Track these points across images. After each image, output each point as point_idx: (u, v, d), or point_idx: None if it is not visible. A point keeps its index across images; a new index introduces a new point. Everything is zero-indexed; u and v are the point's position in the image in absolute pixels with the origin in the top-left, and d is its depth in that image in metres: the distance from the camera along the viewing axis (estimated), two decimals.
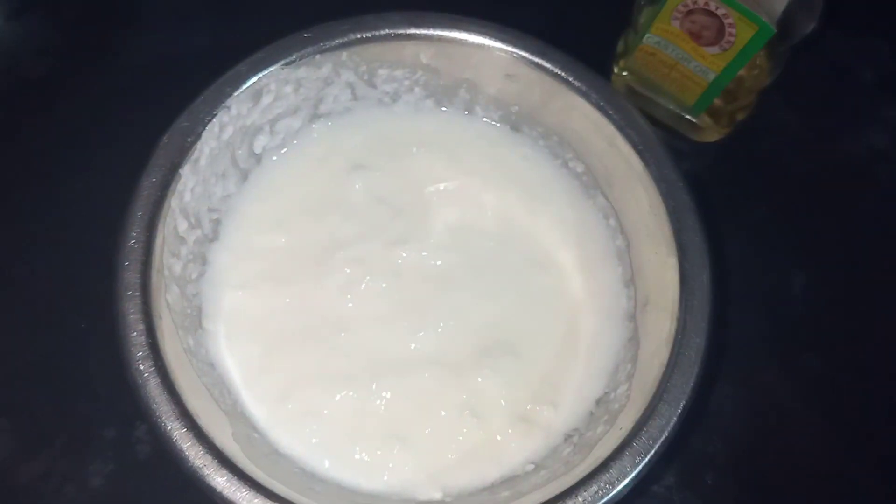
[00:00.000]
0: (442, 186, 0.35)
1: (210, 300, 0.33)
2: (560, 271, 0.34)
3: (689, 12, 0.33)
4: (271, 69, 0.33)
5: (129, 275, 0.29)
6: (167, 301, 0.30)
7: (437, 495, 0.30)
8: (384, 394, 0.31)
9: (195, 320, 0.32)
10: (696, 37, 0.34)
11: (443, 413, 0.31)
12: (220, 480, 0.27)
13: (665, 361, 0.29)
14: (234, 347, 0.32)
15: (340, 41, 0.33)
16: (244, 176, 0.35)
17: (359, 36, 0.33)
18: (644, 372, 0.30)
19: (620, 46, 0.40)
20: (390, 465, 0.31)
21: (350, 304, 0.33)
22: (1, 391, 0.35)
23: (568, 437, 0.31)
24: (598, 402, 0.32)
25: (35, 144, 0.40)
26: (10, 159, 0.39)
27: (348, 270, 0.33)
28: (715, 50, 0.34)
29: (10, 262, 0.37)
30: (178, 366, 0.29)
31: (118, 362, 0.33)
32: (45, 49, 0.42)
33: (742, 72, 0.35)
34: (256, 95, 0.33)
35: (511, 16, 0.34)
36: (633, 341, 0.32)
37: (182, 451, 0.27)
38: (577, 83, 0.33)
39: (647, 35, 0.36)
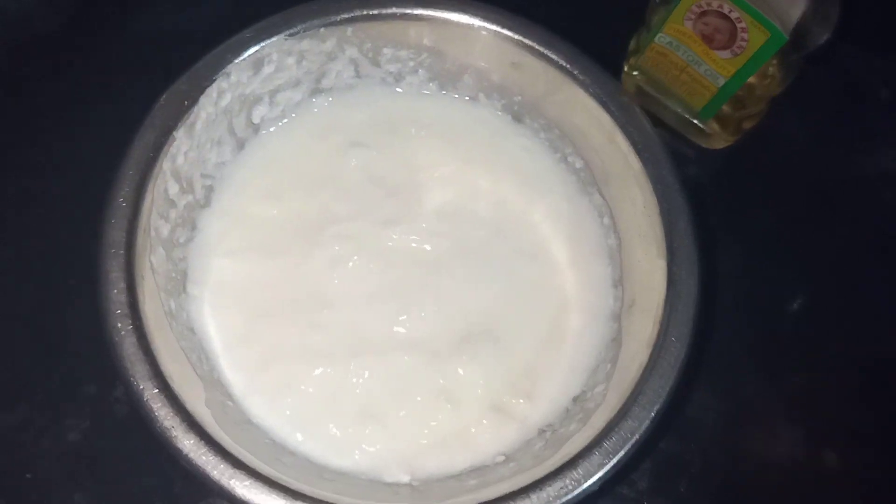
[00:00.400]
0: (438, 171, 0.35)
1: (196, 265, 0.33)
2: (550, 265, 0.34)
3: (703, 14, 0.33)
4: (274, 39, 0.32)
5: (115, 232, 0.29)
6: (151, 262, 0.30)
7: (405, 478, 0.30)
8: (362, 373, 0.31)
9: (179, 284, 0.32)
10: (708, 39, 0.33)
11: (418, 398, 0.31)
12: (187, 443, 0.27)
13: (644, 364, 0.29)
14: (216, 314, 0.32)
15: (346, 16, 0.33)
16: (241, 144, 0.35)
17: (365, 13, 0.33)
18: (623, 373, 0.30)
19: (633, 45, 0.39)
20: (362, 444, 0.30)
21: (336, 281, 0.33)
22: None
23: (541, 432, 0.31)
24: (575, 399, 0.31)
25: (38, 100, 0.40)
26: (11, 112, 0.39)
27: (337, 247, 0.33)
28: (726, 54, 0.33)
29: (2, 214, 0.37)
30: (157, 327, 0.29)
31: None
32: (59, 6, 0.42)
33: (753, 79, 0.34)
34: (258, 64, 0.33)
35: (525, 4, 0.34)
36: (616, 342, 0.31)
37: (152, 411, 0.27)
38: (581, 76, 0.33)
39: (659, 34, 0.35)
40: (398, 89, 0.36)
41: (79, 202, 0.37)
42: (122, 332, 0.28)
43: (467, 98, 0.36)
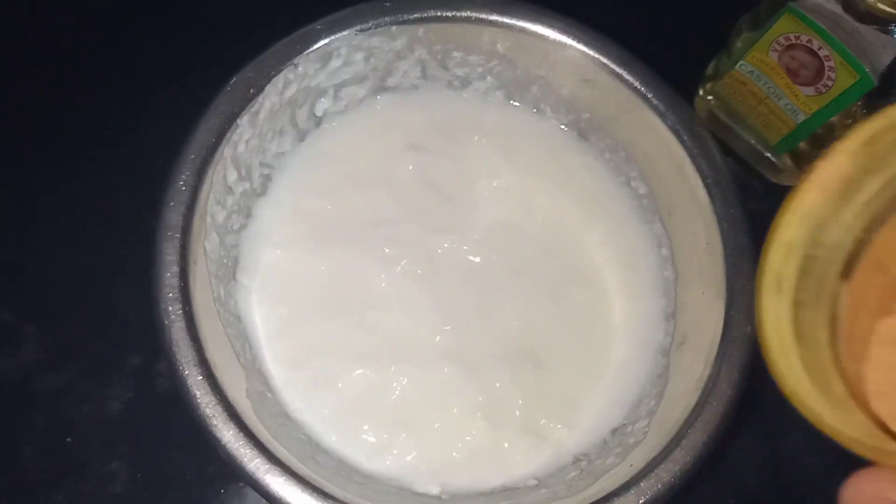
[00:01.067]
0: (496, 182, 0.34)
1: (247, 253, 0.33)
2: (601, 291, 0.33)
3: (790, 47, 0.31)
4: (345, 33, 0.32)
5: (173, 216, 0.29)
6: (205, 247, 0.30)
7: (435, 490, 0.30)
8: (401, 379, 0.31)
9: (230, 271, 0.32)
10: (792, 74, 0.32)
11: (455, 410, 0.31)
12: (226, 434, 0.27)
13: (691, 406, 0.28)
14: (263, 304, 0.32)
15: (419, 16, 0.33)
16: (301, 136, 0.34)
17: (439, 14, 0.32)
18: (667, 411, 0.29)
19: (711, 69, 0.38)
20: (394, 450, 0.30)
21: (383, 284, 0.33)
22: (36, 299, 0.36)
23: (577, 461, 0.30)
24: (614, 431, 0.31)
25: (108, 66, 0.40)
26: (79, 78, 0.40)
27: (387, 250, 0.33)
28: (810, 91, 0.32)
29: (67, 176, 0.38)
30: (206, 313, 0.29)
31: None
32: None
33: (834, 119, 0.33)
34: (325, 57, 0.32)
35: (601, 17, 0.33)
36: (662, 378, 0.31)
37: (195, 398, 0.27)
38: (655, 101, 0.32)
39: (742, 62, 0.34)
40: (463, 94, 0.36)
41: (137, 174, 0.37)
42: (172, 317, 0.28)
43: (533, 110, 0.36)
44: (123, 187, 0.37)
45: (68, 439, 0.34)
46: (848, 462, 0.35)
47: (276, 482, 0.27)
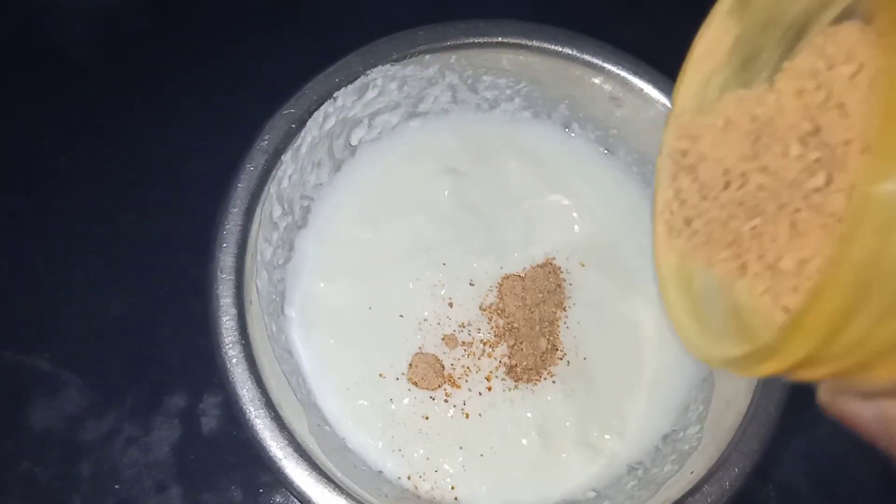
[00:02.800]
0: (529, 200, 0.35)
1: (293, 287, 0.33)
2: (640, 300, 0.34)
3: None
4: (381, 64, 0.32)
5: (226, 258, 0.29)
6: (257, 286, 0.30)
7: None
8: (452, 402, 0.32)
9: (278, 306, 0.32)
10: None
11: (509, 428, 0.32)
12: (300, 473, 0.27)
13: (743, 411, 0.29)
14: (309, 336, 0.32)
15: (452, 43, 0.33)
16: (337, 166, 0.35)
17: (472, 41, 0.33)
18: (718, 417, 0.30)
19: None
20: (453, 473, 0.31)
21: (427, 309, 0.33)
22: (75, 347, 0.35)
23: (632, 469, 0.31)
24: (665, 438, 0.32)
25: (145, 109, 0.39)
26: (120, 119, 0.39)
27: (429, 273, 0.34)
28: None
29: (101, 219, 0.37)
30: (264, 353, 0.29)
31: (192, 331, 0.33)
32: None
33: None
34: (363, 89, 0.33)
35: (629, 38, 0.34)
36: (708, 382, 0.32)
37: (264, 440, 0.27)
38: None
39: None
40: (492, 116, 0.36)
41: (172, 214, 0.37)
42: (234, 360, 0.28)
43: (561, 127, 0.36)
44: (158, 228, 0.37)
45: (116, 486, 0.33)
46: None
47: None
